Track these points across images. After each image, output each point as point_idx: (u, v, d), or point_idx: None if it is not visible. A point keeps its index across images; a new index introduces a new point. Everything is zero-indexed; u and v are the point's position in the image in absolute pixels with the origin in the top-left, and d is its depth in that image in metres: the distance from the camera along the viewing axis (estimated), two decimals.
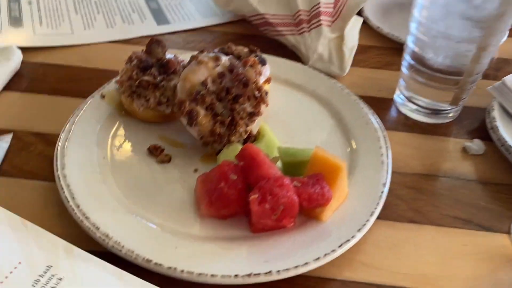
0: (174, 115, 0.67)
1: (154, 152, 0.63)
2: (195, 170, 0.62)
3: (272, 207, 0.50)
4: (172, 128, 0.68)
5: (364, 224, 0.54)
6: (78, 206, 0.53)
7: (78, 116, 0.65)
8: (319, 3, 0.83)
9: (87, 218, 0.52)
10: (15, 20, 0.91)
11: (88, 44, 0.87)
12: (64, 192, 0.55)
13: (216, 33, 0.94)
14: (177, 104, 0.60)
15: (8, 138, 0.66)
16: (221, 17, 0.97)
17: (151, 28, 0.92)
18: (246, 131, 0.62)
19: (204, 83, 0.61)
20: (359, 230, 0.53)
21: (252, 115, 0.62)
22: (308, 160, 0.57)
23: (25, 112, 0.72)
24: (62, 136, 0.62)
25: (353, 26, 0.88)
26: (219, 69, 0.62)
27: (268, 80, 0.68)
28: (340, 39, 0.83)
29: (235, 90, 0.61)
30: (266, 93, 0.63)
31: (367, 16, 0.97)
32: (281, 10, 0.87)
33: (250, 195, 0.51)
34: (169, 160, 0.63)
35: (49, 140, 0.66)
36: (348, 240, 0.52)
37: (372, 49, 0.91)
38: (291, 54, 0.86)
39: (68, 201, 0.54)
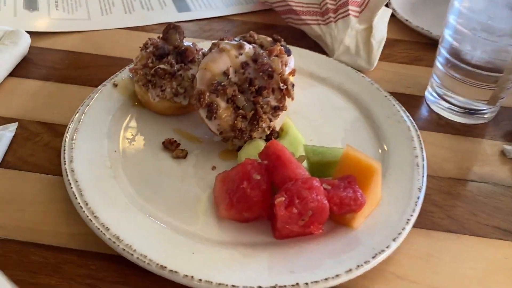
0: (191, 107, 0.62)
1: (169, 146, 0.58)
2: (213, 168, 0.57)
3: (300, 212, 0.46)
4: (188, 121, 0.63)
5: (400, 233, 0.49)
6: (86, 204, 0.49)
7: (89, 106, 0.60)
8: None
9: (96, 217, 0.48)
10: (31, 3, 0.87)
11: (103, 31, 0.82)
12: (71, 188, 0.50)
13: (235, 22, 0.89)
14: (195, 95, 0.56)
15: (13, 127, 0.61)
16: (245, 6, 0.92)
17: (171, 15, 0.87)
18: (269, 127, 0.57)
19: (225, 73, 0.56)
20: (394, 240, 0.48)
21: (276, 110, 0.57)
22: (337, 160, 0.53)
23: (32, 100, 0.67)
24: (71, 126, 0.58)
25: (382, 17, 0.82)
26: (242, 58, 0.57)
27: (292, 72, 0.63)
28: (368, 31, 0.78)
29: (258, 82, 0.56)
30: (293, 85, 0.58)
31: (395, 8, 0.91)
32: None
33: (275, 197, 0.46)
34: (185, 156, 0.58)
35: (57, 131, 0.62)
36: (383, 251, 0.47)
37: (399, 43, 0.86)
38: (314, 45, 0.81)
39: (76, 198, 0.49)
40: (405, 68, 0.80)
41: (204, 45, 0.67)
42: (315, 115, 0.65)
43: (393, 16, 0.88)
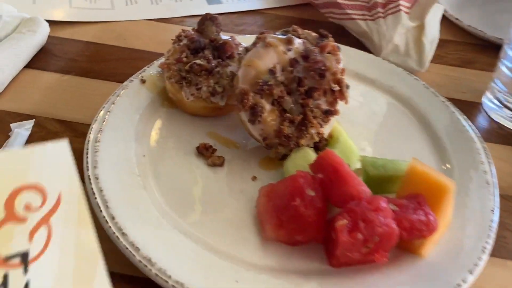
0: (228, 108, 0.55)
1: (204, 152, 0.52)
2: (254, 178, 0.50)
3: (365, 238, 0.39)
4: (223, 123, 0.56)
5: (476, 264, 0.42)
6: (113, 218, 0.42)
7: (114, 103, 0.54)
8: None
9: (123, 234, 0.41)
10: None
11: (127, 22, 0.75)
12: (95, 198, 0.44)
13: (270, 16, 0.82)
14: (238, 95, 0.49)
15: (29, 125, 0.55)
16: None
17: (201, 7, 0.80)
18: (318, 133, 0.50)
19: (272, 71, 0.49)
20: (470, 272, 0.41)
21: (328, 114, 0.50)
22: (400, 175, 0.46)
23: (50, 95, 0.61)
24: (94, 126, 0.51)
25: (434, 15, 0.75)
26: (291, 54, 0.50)
27: (343, 72, 0.56)
28: (420, 29, 0.70)
29: (308, 82, 0.50)
30: (347, 87, 0.50)
31: (444, 5, 0.84)
32: None
33: (336, 219, 0.39)
34: (221, 163, 0.51)
35: (78, 130, 0.55)
36: (459, 285, 0.40)
37: (450, 43, 0.78)
38: (356, 43, 0.74)
39: (101, 210, 0.43)
40: (457, 71, 0.73)
41: (242, 40, 0.59)
42: (364, 120, 0.59)
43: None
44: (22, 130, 0.54)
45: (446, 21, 0.81)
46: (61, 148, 0.37)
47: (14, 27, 0.67)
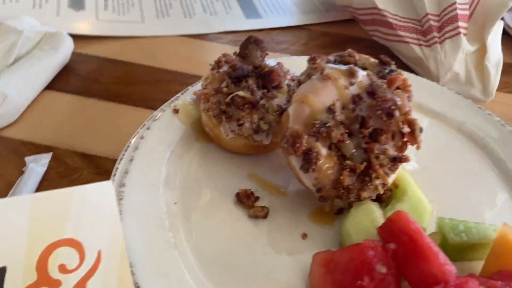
0: (273, 146, 0.48)
1: (245, 201, 0.44)
2: (304, 236, 0.42)
3: None
4: (268, 163, 0.49)
5: None
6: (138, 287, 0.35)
7: (143, 138, 0.47)
8: (454, 2, 0.62)
9: None
10: (77, 1, 0.74)
11: (158, 37, 0.69)
12: None
13: (314, 33, 0.74)
14: (288, 138, 0.41)
15: (46, 159, 0.48)
16: (323, 13, 0.77)
17: (238, 21, 0.73)
18: (383, 184, 0.42)
19: (330, 109, 0.41)
20: None
21: (396, 161, 0.42)
22: (486, 243, 0.37)
23: (71, 122, 0.54)
24: (120, 167, 0.44)
25: (495, 34, 0.66)
26: (353, 89, 0.42)
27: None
28: (481, 52, 0.62)
29: (373, 123, 0.41)
30: (421, 130, 0.42)
31: (505, 21, 0.75)
32: (404, 11, 0.66)
33: None
34: (265, 216, 0.43)
35: (100, 167, 0.49)
36: None
37: None
38: (404, 69, 0.65)
39: None
40: None
41: (284, 62, 0.52)
42: (433, 165, 0.50)
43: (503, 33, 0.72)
44: (38, 166, 0.47)
45: (507, 40, 0.72)
46: (104, 191, 0.31)
47: (36, 43, 0.61)
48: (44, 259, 0.28)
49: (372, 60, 0.51)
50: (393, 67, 0.50)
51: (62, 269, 0.29)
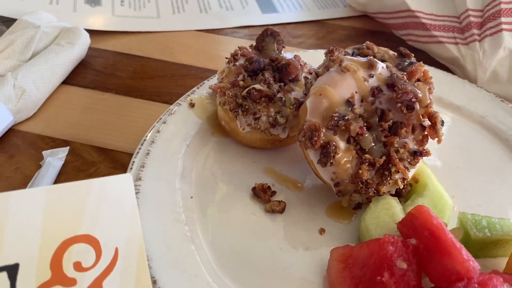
0: (290, 140, 0.47)
1: (262, 195, 0.43)
2: (322, 231, 0.41)
3: None
4: (284, 156, 0.48)
5: None
6: (155, 282, 0.34)
7: (159, 132, 0.46)
8: None
9: None
10: None
11: (174, 32, 0.68)
12: None
13: (331, 27, 0.73)
14: (306, 131, 0.40)
15: (63, 153, 0.48)
16: (342, 8, 0.76)
17: (254, 16, 0.72)
18: (403, 179, 0.41)
19: (349, 102, 0.40)
20: None
21: (416, 155, 0.41)
22: (511, 239, 0.36)
23: (88, 117, 0.54)
24: (136, 160, 0.44)
25: None
26: (372, 82, 0.41)
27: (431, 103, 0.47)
28: None
29: (393, 116, 0.40)
30: (442, 123, 0.41)
31: None
32: (441, 8, 0.64)
33: None
34: (282, 210, 0.43)
35: (117, 160, 0.49)
36: None
37: None
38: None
39: None
40: None
41: (301, 55, 0.51)
42: (454, 159, 0.49)
43: None
44: (55, 160, 0.47)
45: None
46: (122, 184, 0.30)
47: (53, 38, 0.61)
48: (59, 255, 0.27)
49: (392, 52, 0.50)
50: (413, 59, 0.49)
51: (78, 267, 0.28)
